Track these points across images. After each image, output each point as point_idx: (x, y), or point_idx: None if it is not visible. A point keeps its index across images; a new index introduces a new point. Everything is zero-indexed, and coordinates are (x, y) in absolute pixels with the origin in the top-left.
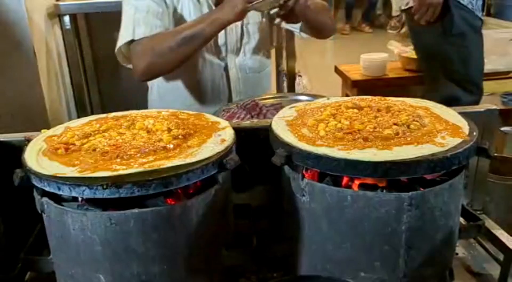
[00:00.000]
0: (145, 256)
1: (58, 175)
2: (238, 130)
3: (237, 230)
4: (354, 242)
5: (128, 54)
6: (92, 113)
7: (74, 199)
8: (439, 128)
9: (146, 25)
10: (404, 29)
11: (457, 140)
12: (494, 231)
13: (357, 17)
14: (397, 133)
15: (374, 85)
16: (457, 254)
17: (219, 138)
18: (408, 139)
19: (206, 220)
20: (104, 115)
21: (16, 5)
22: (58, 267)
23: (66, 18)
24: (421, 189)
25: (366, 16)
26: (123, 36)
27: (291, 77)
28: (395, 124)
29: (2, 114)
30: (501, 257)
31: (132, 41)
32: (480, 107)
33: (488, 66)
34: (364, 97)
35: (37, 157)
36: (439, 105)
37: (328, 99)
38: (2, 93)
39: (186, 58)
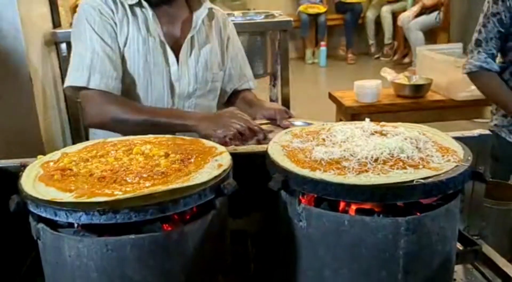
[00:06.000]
0: None
1: (54, 200)
2: (234, 156)
3: (233, 256)
4: (351, 267)
5: (77, 94)
6: (87, 140)
7: (70, 225)
8: (434, 152)
9: (102, 76)
10: (396, 56)
11: (452, 164)
12: (491, 256)
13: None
14: (392, 157)
15: (368, 111)
16: (454, 279)
17: (216, 163)
18: (403, 164)
19: (203, 246)
20: (101, 140)
21: (14, 32)
22: None
23: (63, 46)
24: (418, 214)
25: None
26: (75, 78)
27: (285, 104)
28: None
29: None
30: None
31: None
32: (474, 132)
33: None
34: (358, 121)
35: (34, 183)
36: (433, 130)
37: (323, 124)
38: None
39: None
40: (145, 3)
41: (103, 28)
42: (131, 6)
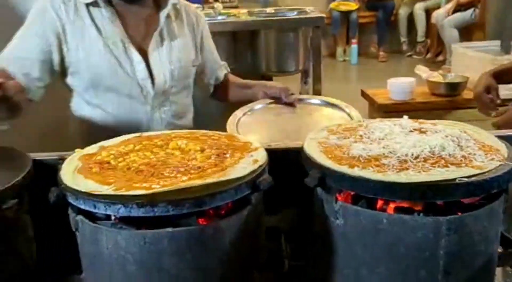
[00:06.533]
0: (178, 277)
1: (94, 193)
2: (268, 151)
3: (268, 252)
4: (389, 266)
5: None
6: None
7: (108, 217)
8: (477, 151)
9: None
10: (429, 55)
11: (496, 163)
12: None
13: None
14: (433, 155)
15: (401, 109)
16: None
17: (251, 159)
18: (445, 161)
19: (238, 242)
20: (137, 134)
21: None
22: None
23: None
24: (459, 213)
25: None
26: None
27: None
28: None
29: (36, 134)
30: None
31: None
32: None
33: None
34: (395, 119)
35: (73, 175)
36: (474, 128)
37: (360, 121)
38: (36, 113)
39: None
40: (101, 2)
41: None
42: (87, 6)
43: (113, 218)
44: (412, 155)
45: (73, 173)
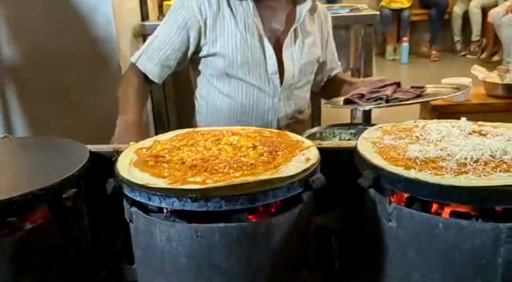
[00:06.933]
0: (228, 272)
1: (149, 185)
2: (320, 150)
3: (317, 252)
4: (443, 272)
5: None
6: (169, 129)
7: (160, 210)
8: None
9: (149, 59)
10: (484, 55)
11: None
12: None
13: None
14: (494, 159)
15: (456, 111)
16: None
17: (303, 157)
18: (508, 166)
19: (289, 239)
20: (190, 129)
21: (107, 24)
22: (141, 277)
23: None
24: None
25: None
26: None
27: None
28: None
29: (90, 126)
30: None
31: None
32: None
33: None
34: (453, 120)
35: (129, 168)
36: None
37: (415, 122)
38: (90, 107)
39: None
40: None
41: (183, 23)
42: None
43: (165, 211)
44: (472, 158)
45: (129, 165)
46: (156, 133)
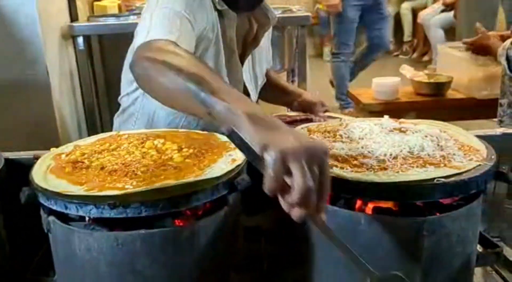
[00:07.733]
0: (152, 279)
1: (65, 193)
2: None
3: (246, 253)
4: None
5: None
6: (103, 131)
7: (81, 218)
8: (456, 151)
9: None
10: (415, 54)
11: (475, 163)
12: None
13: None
14: (412, 155)
15: (386, 109)
16: None
17: (229, 158)
18: (424, 162)
19: (215, 243)
20: (114, 133)
21: (31, 25)
22: None
23: (80, 39)
24: (437, 214)
25: None
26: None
27: None
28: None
29: (16, 133)
30: None
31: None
32: (497, 131)
33: None
34: (376, 118)
35: (45, 175)
36: (455, 127)
37: (340, 120)
38: (16, 111)
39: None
40: (231, 11)
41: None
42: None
43: (87, 219)
44: (391, 155)
45: (45, 172)
46: (89, 135)
